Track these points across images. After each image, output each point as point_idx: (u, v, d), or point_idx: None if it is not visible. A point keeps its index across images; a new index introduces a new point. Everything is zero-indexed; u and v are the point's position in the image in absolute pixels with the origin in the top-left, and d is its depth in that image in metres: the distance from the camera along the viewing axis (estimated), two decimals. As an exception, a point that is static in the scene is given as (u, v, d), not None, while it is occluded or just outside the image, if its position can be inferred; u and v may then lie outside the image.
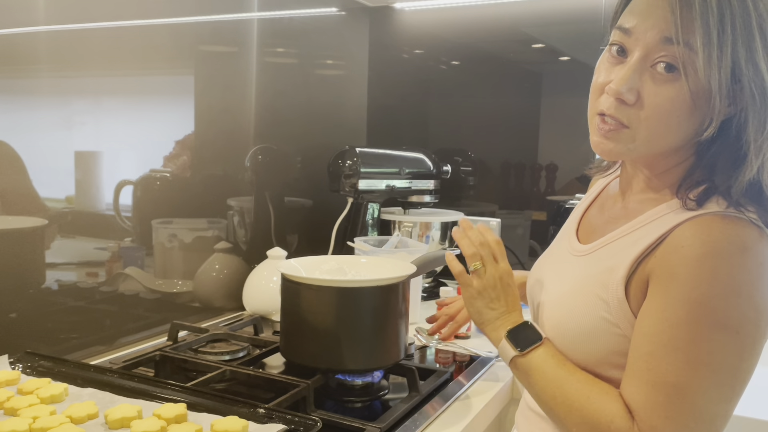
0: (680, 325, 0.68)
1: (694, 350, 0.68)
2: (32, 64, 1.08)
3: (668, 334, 0.69)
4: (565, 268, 0.86)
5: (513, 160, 1.88)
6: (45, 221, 1.12)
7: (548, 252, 0.95)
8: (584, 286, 0.79)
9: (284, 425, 0.81)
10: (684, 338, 0.68)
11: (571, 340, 0.80)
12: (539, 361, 0.80)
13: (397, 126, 2.04)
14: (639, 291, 0.74)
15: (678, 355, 0.68)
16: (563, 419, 0.77)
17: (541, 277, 0.91)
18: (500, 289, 0.87)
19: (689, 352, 0.68)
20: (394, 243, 1.54)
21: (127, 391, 0.89)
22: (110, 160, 1.24)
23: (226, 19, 1.47)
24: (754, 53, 0.67)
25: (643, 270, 0.74)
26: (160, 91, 1.35)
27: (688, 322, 0.68)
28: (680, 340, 0.68)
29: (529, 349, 0.81)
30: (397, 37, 2.00)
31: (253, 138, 1.58)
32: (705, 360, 0.68)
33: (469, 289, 0.88)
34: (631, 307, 0.74)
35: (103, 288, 1.24)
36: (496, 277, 0.87)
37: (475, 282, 0.88)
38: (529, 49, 1.84)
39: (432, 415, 0.99)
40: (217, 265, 1.49)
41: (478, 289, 0.87)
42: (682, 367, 0.68)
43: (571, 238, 0.89)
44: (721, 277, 0.67)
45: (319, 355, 1.01)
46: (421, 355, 1.29)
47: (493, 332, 0.86)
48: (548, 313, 0.85)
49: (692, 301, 0.68)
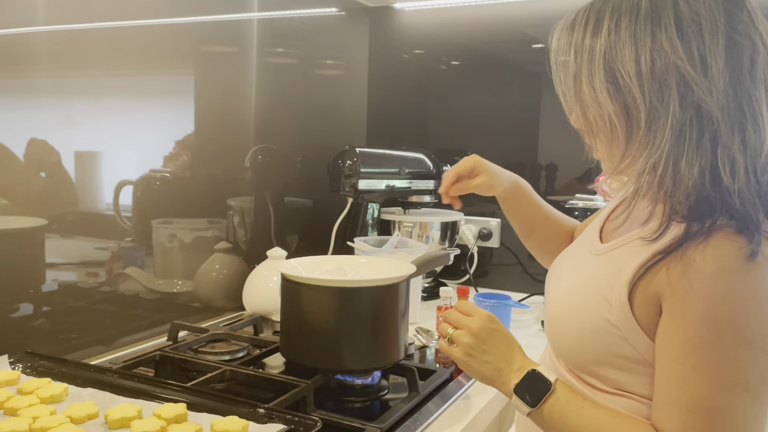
0: (706, 345, 0.67)
1: (724, 371, 0.66)
2: (32, 64, 1.08)
3: (696, 356, 0.67)
4: (582, 265, 0.86)
5: (513, 160, 1.88)
6: (45, 221, 1.12)
7: (572, 247, 0.94)
8: (592, 285, 0.79)
9: (284, 425, 0.81)
10: (713, 359, 0.67)
11: (570, 338, 0.80)
12: (556, 410, 0.77)
13: (397, 126, 2.04)
14: (644, 298, 0.73)
15: (710, 377, 0.67)
16: None
17: (559, 270, 0.91)
18: (483, 339, 0.83)
19: (720, 373, 0.66)
20: (394, 243, 1.54)
21: (127, 391, 0.89)
22: (110, 160, 1.24)
23: (226, 19, 1.47)
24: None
25: (651, 278, 0.72)
26: (160, 91, 1.35)
27: (714, 342, 0.66)
28: (710, 360, 0.67)
29: (541, 402, 0.78)
30: (397, 37, 2.00)
31: (253, 138, 1.58)
32: (737, 380, 0.66)
33: (456, 357, 0.85)
34: (633, 312, 0.73)
35: (103, 288, 1.24)
36: (472, 331, 0.83)
37: (457, 348, 0.85)
38: (529, 49, 1.84)
39: (432, 415, 0.99)
40: (217, 265, 1.49)
41: (463, 351, 0.84)
42: (716, 389, 0.66)
43: (594, 236, 0.88)
44: (741, 294, 0.66)
45: (319, 355, 1.01)
46: (421, 355, 1.29)
47: (502, 387, 0.82)
48: (553, 308, 0.85)
49: (715, 319, 0.66)
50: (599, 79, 0.72)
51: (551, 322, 0.85)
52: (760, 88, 0.69)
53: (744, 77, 0.68)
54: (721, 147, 0.68)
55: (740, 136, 0.68)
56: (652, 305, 0.72)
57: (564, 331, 0.82)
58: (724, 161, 0.67)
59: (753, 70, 0.69)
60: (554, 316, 0.84)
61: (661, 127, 0.69)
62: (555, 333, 0.83)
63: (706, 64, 0.68)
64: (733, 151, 0.67)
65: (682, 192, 0.69)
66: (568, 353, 0.82)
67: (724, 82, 0.68)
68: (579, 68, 0.74)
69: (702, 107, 0.68)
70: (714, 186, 0.68)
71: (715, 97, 0.68)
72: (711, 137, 0.68)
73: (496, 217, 1.84)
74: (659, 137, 0.69)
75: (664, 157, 0.69)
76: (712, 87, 0.68)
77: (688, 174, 0.68)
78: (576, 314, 0.79)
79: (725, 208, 0.68)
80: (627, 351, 0.74)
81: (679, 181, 0.69)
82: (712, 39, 0.68)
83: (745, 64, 0.69)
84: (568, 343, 0.81)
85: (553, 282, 0.91)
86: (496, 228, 1.81)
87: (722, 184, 0.68)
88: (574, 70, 0.75)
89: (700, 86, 0.68)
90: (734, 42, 0.69)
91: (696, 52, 0.68)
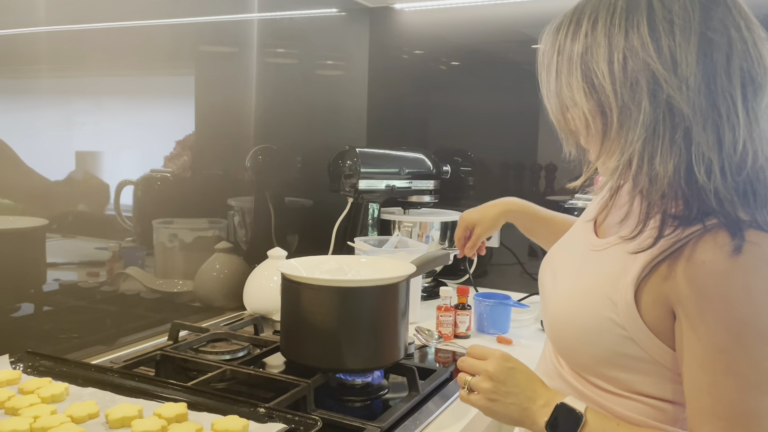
0: (730, 349, 0.66)
1: (754, 372, 0.66)
2: (32, 65, 1.09)
3: (723, 361, 0.67)
4: (580, 261, 0.84)
5: (512, 160, 1.88)
6: (45, 221, 1.12)
7: (564, 241, 0.93)
8: (595, 284, 0.78)
9: (284, 424, 0.81)
10: (740, 361, 0.66)
11: (573, 338, 0.79)
12: None
13: (397, 126, 2.05)
14: (652, 300, 0.72)
15: (741, 381, 0.66)
16: None
17: (555, 267, 0.89)
18: (502, 380, 0.79)
19: (751, 375, 0.66)
20: (394, 243, 1.54)
21: (128, 391, 0.90)
22: (111, 160, 1.24)
23: (226, 19, 1.48)
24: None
25: (658, 280, 0.71)
26: (160, 92, 1.35)
27: (737, 344, 0.66)
28: (737, 364, 0.66)
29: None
30: (397, 38, 2.01)
31: (253, 138, 1.58)
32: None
33: (480, 405, 0.81)
34: (640, 311, 0.72)
35: (103, 288, 1.24)
36: (490, 375, 0.80)
37: (478, 396, 0.81)
38: (529, 49, 1.84)
39: (432, 414, 0.99)
40: (218, 265, 1.49)
41: (485, 398, 0.80)
42: (749, 391, 0.66)
43: (589, 232, 0.87)
44: (757, 292, 0.65)
45: (319, 354, 1.02)
46: (421, 354, 1.29)
47: (533, 427, 0.78)
48: (554, 308, 0.84)
49: (735, 321, 0.66)
50: (576, 79, 0.73)
51: (552, 322, 0.84)
52: (736, 85, 0.68)
53: (718, 75, 0.68)
54: (694, 145, 0.67)
55: (714, 134, 0.67)
56: (661, 307, 0.71)
57: (566, 331, 0.80)
58: (698, 160, 0.67)
59: (729, 68, 0.68)
60: (555, 316, 0.83)
61: (633, 124, 0.69)
62: (557, 333, 0.82)
63: (676, 62, 0.68)
64: (707, 150, 0.67)
65: (658, 190, 0.69)
66: (572, 354, 0.81)
67: (696, 79, 0.67)
68: (559, 69, 0.76)
69: (673, 105, 0.67)
70: (689, 184, 0.68)
71: (686, 94, 0.67)
72: (684, 135, 0.68)
73: (496, 217, 1.84)
74: (631, 135, 0.69)
75: (637, 154, 0.69)
76: (683, 84, 0.67)
77: (663, 171, 0.68)
78: (579, 314, 0.78)
79: (702, 207, 0.68)
80: (634, 351, 0.73)
81: (654, 179, 0.69)
82: (683, 36, 0.68)
83: (720, 62, 0.68)
84: (571, 344, 0.80)
85: (549, 278, 0.89)
86: (496, 228, 1.81)
87: (697, 182, 0.67)
88: (555, 71, 0.76)
89: (670, 84, 0.67)
90: (707, 39, 0.68)
91: (666, 49, 0.68)
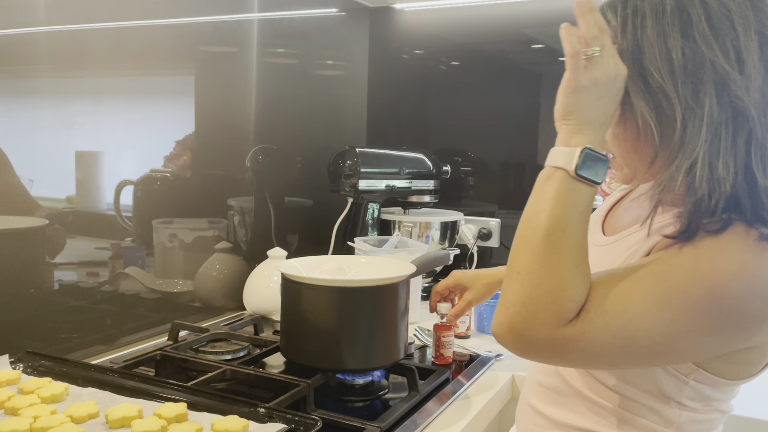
0: (674, 291, 0.65)
1: (680, 326, 0.65)
2: (32, 65, 1.09)
3: (660, 290, 0.66)
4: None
5: (513, 160, 1.88)
6: (45, 221, 1.12)
7: None
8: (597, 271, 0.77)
9: (284, 424, 0.81)
10: (683, 310, 0.65)
11: None
12: (576, 195, 0.70)
13: (397, 126, 2.05)
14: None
15: (662, 317, 0.65)
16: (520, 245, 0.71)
17: None
18: (608, 89, 0.69)
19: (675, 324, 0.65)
20: (394, 243, 1.54)
21: (128, 391, 0.90)
22: (111, 160, 1.24)
23: (226, 19, 1.48)
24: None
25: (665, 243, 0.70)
26: (160, 92, 1.35)
27: (701, 300, 0.64)
28: (678, 308, 0.65)
29: (584, 179, 0.70)
30: (397, 38, 2.01)
31: (253, 138, 1.58)
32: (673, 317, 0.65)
33: (575, 77, 0.70)
34: None
35: (103, 288, 1.24)
36: (612, 74, 0.69)
37: (587, 72, 0.69)
38: (529, 49, 1.85)
39: (432, 414, 0.99)
40: (218, 265, 1.49)
41: (587, 80, 0.69)
42: (650, 320, 0.65)
43: (596, 229, 0.87)
44: (758, 283, 0.64)
45: (319, 354, 1.02)
46: (421, 354, 1.29)
47: (570, 134, 0.71)
48: None
49: (697, 276, 0.65)
50: (630, 80, 0.70)
51: None
52: None
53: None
54: (755, 146, 0.66)
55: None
56: None
57: None
58: (757, 161, 0.66)
59: None
60: None
61: (697, 126, 0.66)
62: None
63: (743, 61, 0.66)
64: (764, 150, 0.66)
65: (716, 193, 0.66)
66: None
67: (760, 79, 0.66)
68: None
69: (738, 105, 0.65)
70: (750, 186, 0.66)
71: (752, 95, 0.65)
72: (746, 137, 0.66)
73: (496, 217, 1.84)
74: (695, 137, 0.66)
75: (701, 158, 0.66)
76: (749, 84, 0.65)
77: (725, 175, 0.65)
78: None
79: (755, 208, 0.66)
80: None
81: (715, 183, 0.66)
82: (745, 34, 0.66)
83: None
84: None
85: None
86: (495, 228, 1.82)
87: (757, 183, 0.66)
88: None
89: (737, 84, 0.65)
90: (765, 37, 0.67)
91: (731, 48, 0.66)
